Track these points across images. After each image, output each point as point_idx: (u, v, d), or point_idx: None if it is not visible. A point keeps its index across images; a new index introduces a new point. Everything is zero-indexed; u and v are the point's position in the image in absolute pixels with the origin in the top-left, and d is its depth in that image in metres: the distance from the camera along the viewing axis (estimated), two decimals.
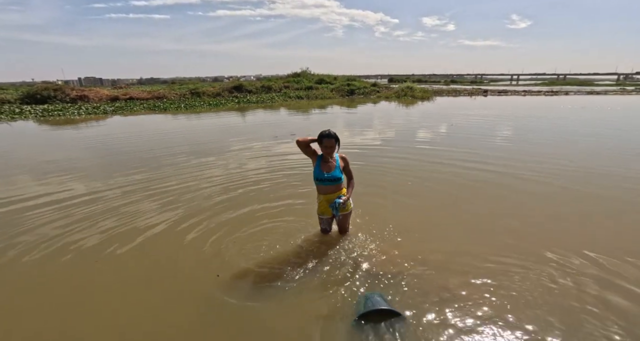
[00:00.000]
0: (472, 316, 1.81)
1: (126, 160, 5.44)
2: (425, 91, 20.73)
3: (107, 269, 2.33)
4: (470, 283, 2.09)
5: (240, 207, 3.34)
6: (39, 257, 2.48)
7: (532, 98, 19.27)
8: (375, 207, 3.26)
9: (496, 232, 2.80)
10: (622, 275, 2.15)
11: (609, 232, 2.79)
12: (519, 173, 4.38)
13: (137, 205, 3.45)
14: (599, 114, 11.17)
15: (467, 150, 5.77)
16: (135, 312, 1.91)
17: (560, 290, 2.02)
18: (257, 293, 2.03)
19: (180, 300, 2.01)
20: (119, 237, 2.78)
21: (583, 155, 5.46)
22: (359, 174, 4.33)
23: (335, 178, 2.38)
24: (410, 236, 2.72)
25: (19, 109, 12.81)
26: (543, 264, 2.28)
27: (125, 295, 2.06)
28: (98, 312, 1.90)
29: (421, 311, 1.85)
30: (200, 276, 2.22)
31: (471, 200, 3.50)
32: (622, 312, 1.83)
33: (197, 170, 4.77)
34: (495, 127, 8.41)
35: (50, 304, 1.99)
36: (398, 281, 2.12)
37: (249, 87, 20.02)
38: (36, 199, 3.68)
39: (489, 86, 32.76)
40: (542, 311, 1.84)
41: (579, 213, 3.17)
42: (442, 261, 2.33)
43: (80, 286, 2.16)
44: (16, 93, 16.96)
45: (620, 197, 3.52)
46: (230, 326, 1.79)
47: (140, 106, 14.63)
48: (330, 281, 2.14)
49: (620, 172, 4.41)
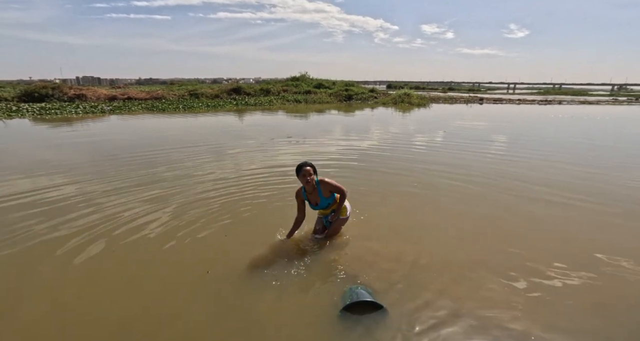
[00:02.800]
0: (455, 314, 1.89)
1: (124, 159, 5.49)
2: (422, 98, 21.03)
3: (86, 272, 2.31)
4: (456, 283, 2.17)
5: (233, 205, 3.41)
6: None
7: (525, 106, 19.64)
8: (369, 209, 3.32)
9: (488, 235, 2.89)
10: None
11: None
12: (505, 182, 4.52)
13: (127, 203, 3.50)
14: (585, 123, 11.45)
15: (456, 157, 5.92)
16: (123, 309, 1.96)
17: (549, 292, 2.11)
18: (247, 288, 2.10)
19: (170, 294, 2.06)
20: (103, 235, 2.83)
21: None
22: (356, 176, 4.43)
23: (324, 206, 2.61)
24: (401, 237, 2.80)
25: (16, 107, 12.79)
26: (529, 268, 2.37)
27: (114, 295, 2.10)
28: (98, 303, 1.98)
29: (404, 305, 1.94)
30: (190, 272, 2.27)
31: (467, 204, 3.57)
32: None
33: (192, 169, 4.83)
34: (483, 136, 8.60)
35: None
36: (384, 277, 2.21)
37: (247, 89, 20.14)
38: (52, 191, 3.72)
39: (486, 94, 33.28)
40: (523, 313, 1.92)
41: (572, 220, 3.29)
42: (431, 262, 2.42)
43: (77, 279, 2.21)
44: (14, 91, 16.93)
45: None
46: (220, 321, 1.85)
47: (139, 106, 14.66)
48: (319, 276, 2.23)
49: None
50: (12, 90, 17.54)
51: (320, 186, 2.50)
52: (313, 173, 2.46)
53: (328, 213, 2.67)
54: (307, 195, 2.57)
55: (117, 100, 16.38)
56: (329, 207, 2.63)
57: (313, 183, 2.47)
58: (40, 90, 15.48)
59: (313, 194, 2.54)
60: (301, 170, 2.43)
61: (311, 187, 2.49)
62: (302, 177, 2.44)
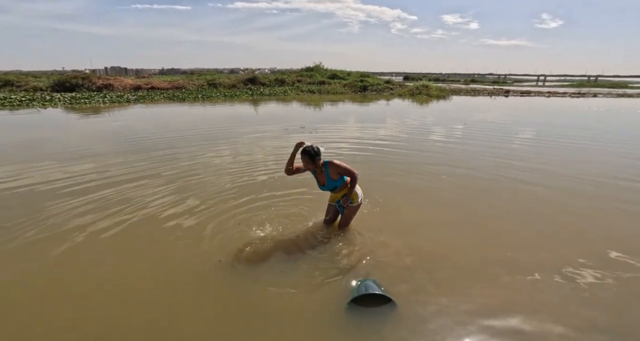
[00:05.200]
0: (464, 310, 1.86)
1: (146, 146, 5.82)
2: (442, 90, 20.25)
3: (111, 248, 2.53)
4: (470, 280, 2.14)
5: (247, 193, 3.49)
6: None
7: (556, 99, 18.44)
8: (382, 201, 3.28)
9: (500, 233, 2.79)
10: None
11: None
12: (527, 175, 4.36)
13: (143, 187, 3.74)
14: (624, 118, 10.62)
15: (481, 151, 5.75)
16: (139, 294, 2.05)
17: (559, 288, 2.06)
18: (257, 277, 2.13)
19: (183, 279, 2.13)
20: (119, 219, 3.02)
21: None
22: (368, 167, 4.40)
23: (331, 188, 2.53)
24: (415, 232, 2.74)
25: (50, 96, 13.68)
26: (544, 265, 2.28)
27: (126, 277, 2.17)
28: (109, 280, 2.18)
29: (414, 299, 1.93)
30: (201, 259, 2.31)
31: (482, 201, 3.47)
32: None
33: (208, 157, 5.06)
34: (503, 129, 8.23)
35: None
36: (395, 271, 2.19)
37: (262, 79, 20.37)
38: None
39: (511, 86, 31.43)
40: (532, 313, 1.86)
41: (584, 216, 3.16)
42: (445, 259, 2.36)
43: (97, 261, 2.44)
44: (47, 81, 18.04)
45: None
46: (230, 307, 1.89)
47: (161, 95, 15.24)
48: (328, 268, 2.21)
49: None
50: (47, 80, 18.69)
51: (329, 168, 2.41)
52: (309, 160, 2.35)
53: (339, 198, 2.58)
54: (316, 174, 2.52)
55: (142, 89, 17.07)
56: (337, 190, 2.54)
57: (320, 165, 2.41)
58: (72, 80, 16.43)
59: (321, 175, 2.48)
60: (301, 158, 2.38)
61: (319, 168, 2.44)
62: (303, 163, 2.42)
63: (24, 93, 14.41)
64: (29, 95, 13.73)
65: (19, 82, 17.18)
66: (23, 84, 16.86)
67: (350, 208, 2.57)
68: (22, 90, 15.79)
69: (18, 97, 13.08)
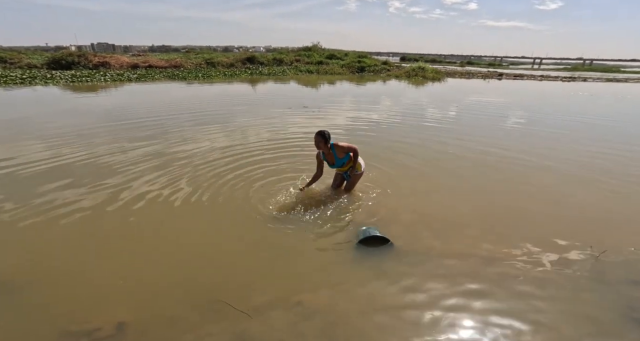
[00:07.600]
0: (457, 252, 2.27)
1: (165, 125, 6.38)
2: (437, 72, 20.56)
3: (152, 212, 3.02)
4: (463, 230, 2.59)
5: (266, 163, 4.03)
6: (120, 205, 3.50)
7: (547, 83, 19.04)
8: (385, 173, 3.70)
9: (495, 203, 3.18)
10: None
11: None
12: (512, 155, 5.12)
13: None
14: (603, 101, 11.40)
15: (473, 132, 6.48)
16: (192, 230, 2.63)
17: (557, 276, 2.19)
18: (284, 228, 2.61)
19: (231, 228, 2.64)
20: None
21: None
22: (372, 143, 4.99)
23: (339, 165, 3.01)
24: (416, 196, 3.20)
25: (50, 75, 13.69)
26: (540, 247, 2.44)
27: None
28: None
29: (408, 242, 2.41)
30: (242, 214, 2.79)
31: (478, 173, 3.94)
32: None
33: (225, 134, 5.68)
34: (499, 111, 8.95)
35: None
36: (393, 221, 2.71)
37: (261, 59, 20.32)
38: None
39: (506, 69, 31.70)
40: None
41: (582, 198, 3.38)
42: (438, 213, 2.87)
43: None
44: (41, 59, 17.73)
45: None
46: (263, 248, 2.37)
47: (161, 74, 15.32)
48: (338, 218, 2.76)
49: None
50: (40, 58, 18.32)
51: (335, 149, 2.88)
52: (323, 141, 2.81)
53: (346, 169, 3.06)
54: (325, 156, 2.98)
55: (139, 68, 17.01)
56: (344, 165, 3.02)
57: (328, 147, 2.88)
58: (67, 57, 16.24)
59: (329, 156, 2.95)
60: (314, 139, 2.87)
61: (327, 150, 2.90)
62: (315, 144, 2.90)
63: (22, 71, 14.35)
64: (30, 73, 13.73)
65: (12, 59, 16.90)
66: (16, 61, 16.62)
67: (356, 175, 3.08)
68: (17, 67, 15.64)
69: (17, 74, 13.10)
